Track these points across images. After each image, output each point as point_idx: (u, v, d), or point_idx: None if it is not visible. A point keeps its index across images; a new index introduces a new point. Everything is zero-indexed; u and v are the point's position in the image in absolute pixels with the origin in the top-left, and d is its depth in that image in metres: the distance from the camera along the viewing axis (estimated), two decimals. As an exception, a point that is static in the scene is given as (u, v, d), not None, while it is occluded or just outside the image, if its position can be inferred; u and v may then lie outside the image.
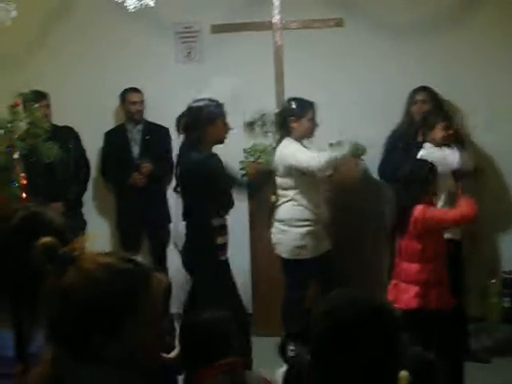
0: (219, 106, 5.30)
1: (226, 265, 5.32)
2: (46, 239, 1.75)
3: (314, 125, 5.80)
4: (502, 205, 6.80)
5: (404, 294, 4.85)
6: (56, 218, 2.23)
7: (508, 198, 6.81)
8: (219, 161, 5.25)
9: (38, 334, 1.97)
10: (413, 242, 4.93)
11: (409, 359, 2.08)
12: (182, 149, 5.40)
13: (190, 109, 5.33)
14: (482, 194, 6.27)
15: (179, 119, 5.68)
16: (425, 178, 4.96)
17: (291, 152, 5.67)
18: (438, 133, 5.87)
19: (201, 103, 5.29)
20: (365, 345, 1.95)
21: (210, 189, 5.11)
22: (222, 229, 5.27)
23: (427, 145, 5.84)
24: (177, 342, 3.41)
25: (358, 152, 6.43)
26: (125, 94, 6.99)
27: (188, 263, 5.38)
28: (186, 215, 5.33)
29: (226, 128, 5.32)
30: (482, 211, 6.42)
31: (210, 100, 5.31)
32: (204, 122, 5.20)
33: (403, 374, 2.01)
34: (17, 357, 2.02)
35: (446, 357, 4.73)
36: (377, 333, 1.97)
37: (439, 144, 5.86)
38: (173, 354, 3.39)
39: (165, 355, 3.20)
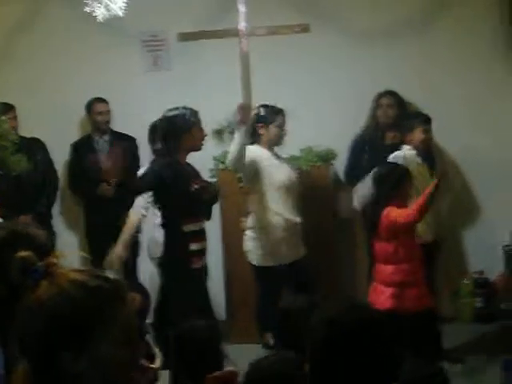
0: (194, 113, 5.31)
1: (199, 273, 5.29)
2: (24, 253, 1.72)
3: (282, 131, 5.79)
4: (469, 206, 6.86)
5: (381, 296, 4.87)
6: (38, 235, 2.20)
7: (477, 199, 6.87)
8: (179, 170, 5.26)
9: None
10: (385, 243, 4.95)
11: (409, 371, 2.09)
12: (156, 157, 5.39)
13: (165, 118, 5.33)
14: (449, 195, 6.35)
15: (153, 129, 5.68)
16: (395, 180, 4.98)
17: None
18: (418, 135, 5.91)
19: (176, 112, 5.29)
20: (363, 352, 1.94)
21: (176, 195, 5.12)
22: (197, 235, 5.25)
23: (405, 147, 5.86)
24: (157, 352, 3.38)
25: (328, 157, 6.46)
26: (91, 105, 6.94)
27: (161, 268, 5.38)
28: (162, 222, 5.32)
29: (201, 135, 5.36)
30: (451, 212, 6.56)
31: (185, 108, 5.31)
32: (180, 130, 5.21)
33: None
34: (7, 375, 1.99)
35: (421, 357, 4.80)
36: (375, 340, 1.97)
37: (418, 147, 5.90)
38: (158, 364, 3.35)
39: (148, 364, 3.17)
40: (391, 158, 5.86)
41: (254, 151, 5.67)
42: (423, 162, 5.97)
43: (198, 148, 5.37)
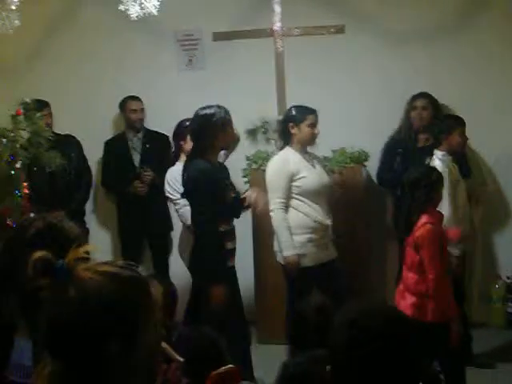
0: (227, 112, 5.28)
1: (232, 271, 5.32)
2: (41, 253, 1.72)
3: (314, 131, 5.75)
4: (502, 211, 6.80)
5: (402, 301, 4.81)
6: (72, 228, 2.21)
7: (508, 204, 6.81)
8: (224, 172, 5.30)
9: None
10: (413, 250, 4.88)
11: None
12: (189, 155, 5.39)
13: (198, 115, 5.31)
14: (482, 200, 6.31)
15: (179, 126, 5.69)
16: (430, 185, 4.92)
17: (270, 171, 5.67)
18: (456, 138, 5.84)
19: (211, 110, 5.26)
20: (387, 356, 1.92)
21: (215, 196, 5.11)
22: (230, 234, 5.27)
23: (438, 152, 5.78)
24: None
25: (361, 158, 6.42)
26: (125, 102, 6.98)
27: (196, 269, 5.36)
28: (194, 221, 5.32)
29: (233, 134, 5.38)
30: (483, 216, 6.50)
31: (218, 107, 5.29)
32: (215, 128, 5.19)
33: None
34: (34, 366, 2.00)
35: (447, 365, 4.77)
36: (399, 344, 1.95)
37: (455, 150, 5.84)
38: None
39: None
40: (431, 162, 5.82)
41: (285, 160, 5.63)
42: (455, 164, 5.89)
43: (229, 147, 5.39)
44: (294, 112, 5.71)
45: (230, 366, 3.20)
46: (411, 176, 4.98)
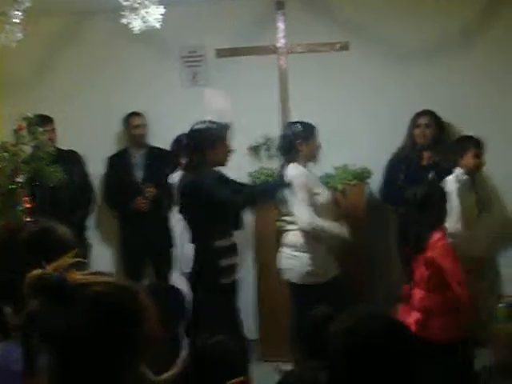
0: (220, 128, 5.23)
1: (229, 288, 5.25)
2: (36, 272, 1.71)
3: (318, 148, 5.74)
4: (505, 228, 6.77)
5: (406, 318, 4.76)
6: (66, 233, 2.20)
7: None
8: (221, 178, 5.22)
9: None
10: (422, 267, 4.85)
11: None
12: (183, 171, 5.38)
13: (191, 131, 5.30)
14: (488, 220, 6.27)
15: (176, 141, 5.67)
16: (439, 202, 4.90)
17: (296, 187, 5.56)
18: (469, 159, 5.85)
19: (201, 126, 5.24)
20: (383, 363, 1.90)
21: (210, 210, 5.07)
22: (228, 250, 5.22)
23: (458, 170, 5.79)
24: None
25: (364, 175, 6.41)
26: (128, 118, 6.99)
27: (193, 285, 5.33)
28: (192, 237, 5.30)
29: (226, 151, 5.26)
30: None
31: (211, 122, 5.25)
32: (204, 145, 5.16)
33: None
34: (25, 371, 1.98)
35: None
36: (395, 352, 1.93)
37: (471, 171, 5.84)
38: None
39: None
40: (445, 181, 5.82)
41: (302, 174, 5.59)
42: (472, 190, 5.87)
43: (222, 163, 5.28)
44: (301, 128, 5.67)
45: (241, 378, 3.18)
46: (418, 195, 4.95)
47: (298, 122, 5.76)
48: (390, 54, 6.75)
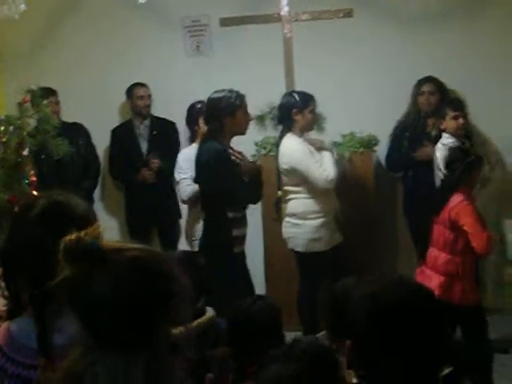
0: (239, 96, 5.25)
1: (241, 257, 5.29)
2: (70, 236, 1.71)
3: (314, 117, 5.73)
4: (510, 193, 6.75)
5: (429, 282, 4.77)
6: (79, 205, 2.17)
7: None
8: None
9: (65, 326, 1.92)
10: (445, 230, 4.87)
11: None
12: (201, 139, 5.38)
13: (209, 100, 5.31)
14: (490, 184, 6.24)
15: (190, 110, 5.63)
16: (465, 166, 4.91)
17: (298, 158, 5.56)
18: (450, 122, 5.83)
19: (220, 94, 5.24)
20: (409, 329, 1.88)
21: (226, 180, 5.08)
22: (239, 221, 5.24)
23: (445, 135, 5.79)
24: None
25: (371, 143, 6.39)
26: (131, 89, 6.94)
27: (204, 254, 5.33)
28: (204, 206, 5.30)
29: (246, 119, 5.30)
30: (492, 200, 6.43)
31: (230, 91, 5.26)
32: (224, 113, 5.17)
33: None
34: (39, 349, 1.96)
35: (473, 350, 4.74)
36: (422, 317, 1.91)
37: (454, 134, 5.82)
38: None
39: None
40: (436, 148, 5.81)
41: (292, 146, 5.60)
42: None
43: (242, 132, 5.31)
44: (297, 98, 5.66)
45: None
46: (448, 156, 5.00)
47: (294, 92, 5.76)
48: (394, 20, 6.69)
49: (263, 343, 3.14)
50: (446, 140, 5.79)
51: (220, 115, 5.17)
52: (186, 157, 5.86)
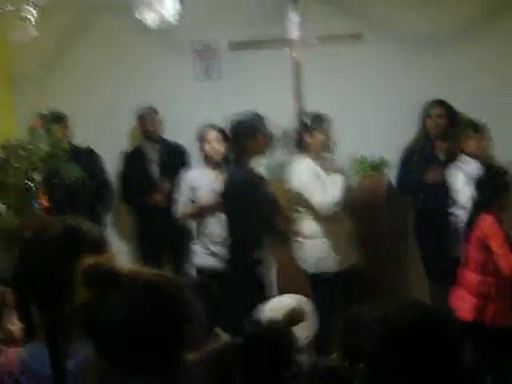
0: (258, 119, 5.34)
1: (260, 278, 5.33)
2: (88, 261, 1.72)
3: (328, 138, 5.74)
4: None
5: (464, 304, 4.76)
6: (93, 229, 2.18)
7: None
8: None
9: (77, 351, 1.93)
10: (476, 251, 4.86)
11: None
12: (228, 162, 5.59)
13: (230, 123, 5.40)
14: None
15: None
16: (494, 187, 4.91)
17: (302, 182, 5.64)
18: (470, 144, 5.82)
19: (240, 117, 5.34)
20: (422, 353, 1.87)
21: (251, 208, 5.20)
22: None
23: (464, 157, 5.76)
24: None
25: (382, 166, 6.39)
26: (142, 114, 6.97)
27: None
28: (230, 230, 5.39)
29: (265, 141, 5.37)
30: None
31: (249, 113, 5.36)
32: (245, 135, 5.25)
33: None
34: (52, 374, 1.97)
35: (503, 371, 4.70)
36: (435, 341, 1.90)
37: (475, 156, 5.80)
38: None
39: None
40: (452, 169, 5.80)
41: (298, 168, 5.67)
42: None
43: (262, 152, 5.42)
44: (306, 120, 5.74)
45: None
46: (479, 177, 5.01)
47: (305, 113, 5.81)
48: (402, 44, 6.70)
49: (276, 365, 3.15)
50: (466, 162, 5.76)
51: (242, 137, 5.26)
52: (188, 180, 6.06)
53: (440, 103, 6.43)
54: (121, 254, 6.76)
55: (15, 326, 3.54)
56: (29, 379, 2.06)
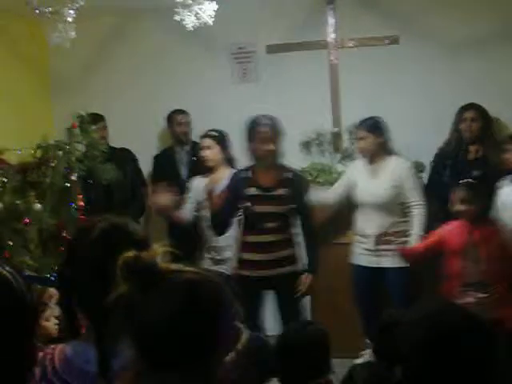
0: (253, 122, 5.28)
1: (249, 282, 5.39)
2: (129, 254, 1.71)
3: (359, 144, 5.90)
4: None
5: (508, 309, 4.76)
6: (137, 229, 2.17)
7: None
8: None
9: (122, 351, 1.92)
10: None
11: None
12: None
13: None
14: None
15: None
16: (484, 197, 4.89)
17: None
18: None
19: (251, 118, 5.34)
20: (468, 357, 1.84)
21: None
22: (256, 246, 5.37)
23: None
24: None
25: (418, 170, 6.34)
26: (171, 116, 7.00)
27: None
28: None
29: (260, 145, 5.26)
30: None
31: (261, 115, 5.33)
32: (247, 137, 5.29)
33: None
34: (99, 373, 1.96)
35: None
36: (475, 346, 1.87)
37: None
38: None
39: None
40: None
41: (353, 171, 5.91)
42: None
43: (259, 157, 5.30)
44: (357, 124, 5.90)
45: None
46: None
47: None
48: (439, 47, 6.66)
49: (312, 368, 3.13)
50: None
51: (246, 139, 5.29)
52: (196, 185, 6.14)
53: (473, 106, 6.34)
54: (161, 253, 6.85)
55: (50, 323, 3.58)
56: (73, 377, 2.06)
